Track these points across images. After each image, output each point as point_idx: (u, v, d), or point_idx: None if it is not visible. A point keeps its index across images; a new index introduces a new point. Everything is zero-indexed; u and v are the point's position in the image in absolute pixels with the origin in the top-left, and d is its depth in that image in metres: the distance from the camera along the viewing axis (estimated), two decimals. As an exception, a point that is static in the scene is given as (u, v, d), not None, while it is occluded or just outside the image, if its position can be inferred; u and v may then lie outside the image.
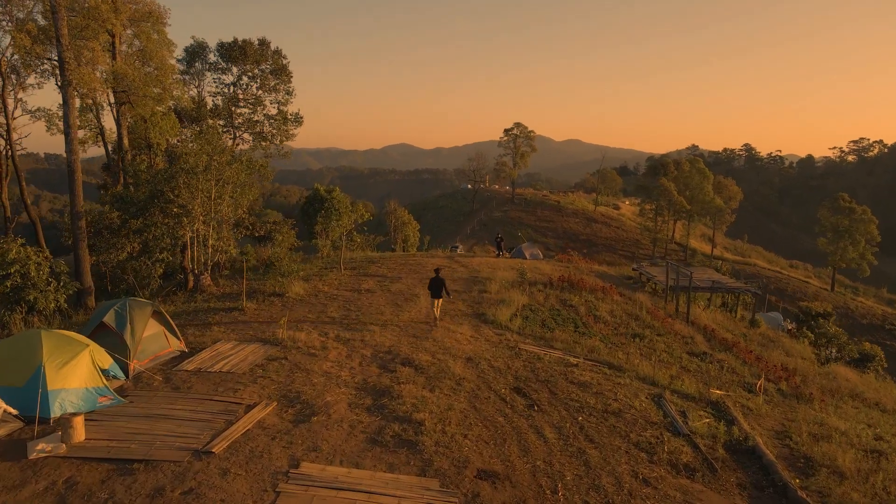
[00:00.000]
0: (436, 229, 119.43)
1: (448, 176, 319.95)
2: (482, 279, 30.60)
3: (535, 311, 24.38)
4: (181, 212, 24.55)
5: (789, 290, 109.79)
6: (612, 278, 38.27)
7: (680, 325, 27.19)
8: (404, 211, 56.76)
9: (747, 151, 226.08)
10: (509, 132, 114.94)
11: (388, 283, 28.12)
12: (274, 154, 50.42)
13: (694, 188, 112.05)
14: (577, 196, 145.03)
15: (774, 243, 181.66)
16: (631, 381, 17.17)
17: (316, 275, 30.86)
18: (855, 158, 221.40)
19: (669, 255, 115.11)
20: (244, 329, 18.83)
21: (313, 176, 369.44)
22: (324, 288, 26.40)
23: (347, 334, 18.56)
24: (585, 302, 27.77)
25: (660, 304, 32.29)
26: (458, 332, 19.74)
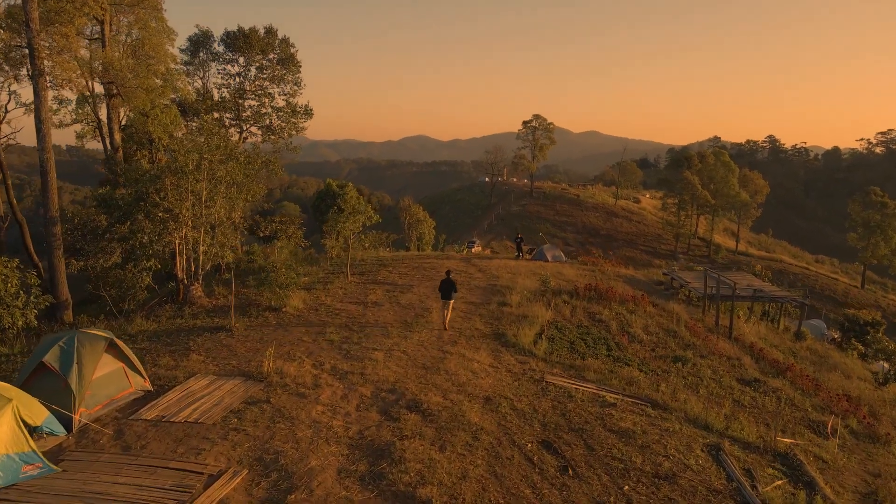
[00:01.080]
0: (453, 223, 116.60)
1: (466, 168, 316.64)
2: (502, 288, 27.77)
3: (562, 329, 21.49)
4: (167, 216, 21.97)
5: (817, 288, 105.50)
6: (642, 284, 35.22)
7: (723, 343, 24.16)
8: (419, 208, 53.96)
9: (771, 143, 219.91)
10: (528, 124, 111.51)
11: (398, 294, 25.37)
12: (283, 148, 47.75)
13: (719, 182, 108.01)
14: (596, 189, 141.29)
15: (799, 238, 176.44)
16: (680, 426, 14.27)
17: (321, 281, 28.24)
18: (883, 150, 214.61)
19: (692, 251, 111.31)
20: (227, 357, 16.17)
21: (331, 168, 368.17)
22: (326, 300, 23.72)
23: (346, 365, 15.82)
24: (616, 316, 24.83)
25: (696, 314, 29.24)
26: (474, 361, 16.94)
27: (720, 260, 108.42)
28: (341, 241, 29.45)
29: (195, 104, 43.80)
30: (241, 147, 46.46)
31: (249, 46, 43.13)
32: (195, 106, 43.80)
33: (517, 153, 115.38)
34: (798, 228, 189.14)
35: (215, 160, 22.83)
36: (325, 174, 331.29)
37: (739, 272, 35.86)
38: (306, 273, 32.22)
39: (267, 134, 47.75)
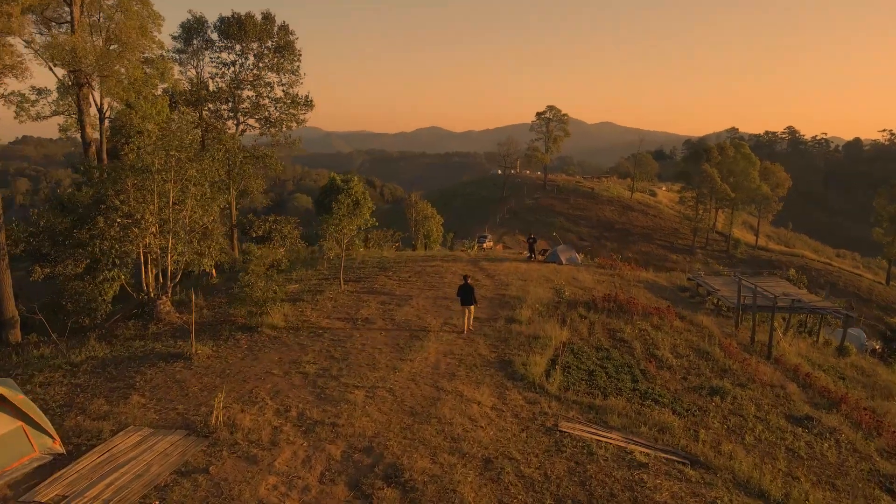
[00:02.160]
0: (464, 217, 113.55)
1: (478, 159, 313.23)
2: (511, 299, 24.76)
3: (579, 354, 18.45)
4: (128, 222, 19.16)
5: (840, 284, 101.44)
6: (665, 291, 32.04)
7: (763, 366, 21.01)
8: (426, 204, 50.97)
9: (790, 134, 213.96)
10: (542, 116, 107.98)
11: (394, 308, 22.44)
12: (282, 142, 44.92)
13: (739, 175, 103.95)
14: (611, 182, 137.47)
15: (819, 231, 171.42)
16: (730, 497, 11.25)
17: (311, 290, 25.40)
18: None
19: (710, 245, 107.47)
20: (175, 399, 13.33)
21: (343, 159, 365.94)
22: (311, 315, 20.85)
23: (316, 410, 12.91)
24: (640, 334, 21.74)
25: (727, 327, 26.06)
26: (474, 403, 13.96)
27: (739, 255, 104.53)
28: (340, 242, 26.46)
29: (188, 95, 41.08)
30: (237, 140, 43.81)
31: (244, 34, 40.23)
32: (189, 97, 41.08)
33: (530, 145, 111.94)
34: (818, 222, 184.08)
35: (184, 157, 19.93)
36: (337, 166, 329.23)
37: (772, 278, 32.60)
38: (298, 279, 29.46)
39: (266, 126, 44.95)
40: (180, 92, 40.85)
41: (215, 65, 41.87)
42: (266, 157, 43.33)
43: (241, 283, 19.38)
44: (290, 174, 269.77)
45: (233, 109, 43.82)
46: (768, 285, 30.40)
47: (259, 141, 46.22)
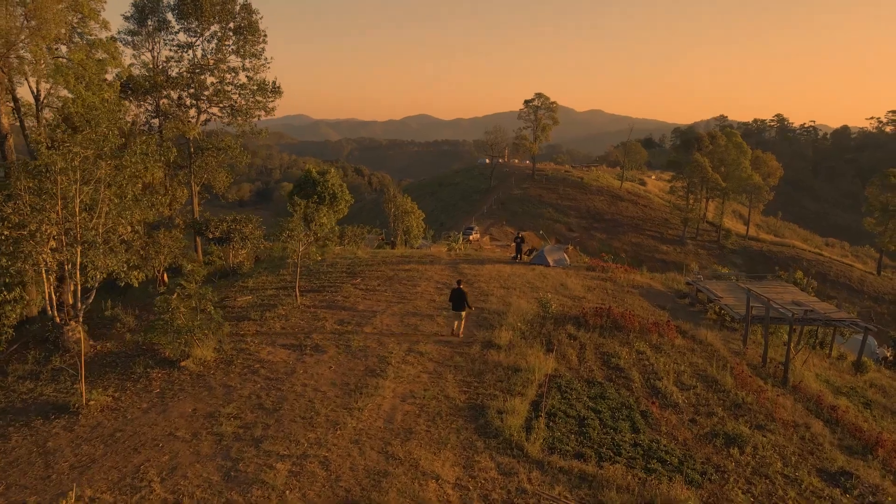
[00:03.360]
0: (451, 207, 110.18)
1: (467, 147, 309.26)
2: (490, 315, 21.44)
3: (568, 392, 15.16)
4: (20, 234, 15.58)
5: (831, 276, 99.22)
6: (661, 297, 28.87)
7: (781, 396, 17.88)
8: (406, 198, 47.44)
9: (779, 122, 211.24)
10: (530, 103, 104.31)
11: (353, 329, 19.05)
12: (247, 131, 41.21)
13: (730, 164, 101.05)
14: (600, 171, 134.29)
15: (807, 219, 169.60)
16: None
17: (262, 305, 21.99)
18: (893, 129, 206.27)
19: (701, 236, 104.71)
20: (32, 484, 9.87)
21: (332, 147, 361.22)
22: (252, 342, 17.43)
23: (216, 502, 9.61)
24: (638, 358, 18.52)
25: (734, 342, 22.90)
26: (431, 479, 10.65)
27: (730, 246, 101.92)
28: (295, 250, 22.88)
29: (144, 82, 37.28)
30: (197, 129, 40.10)
31: (202, 13, 36.39)
32: (144, 84, 37.27)
33: (518, 133, 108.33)
34: (806, 210, 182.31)
35: (91, 154, 16.35)
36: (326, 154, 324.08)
37: (778, 282, 29.50)
38: (255, 287, 26.03)
39: (232, 115, 41.22)
40: (133, 78, 37.08)
41: (171, 48, 38.05)
42: (229, 149, 39.65)
43: (157, 308, 15.86)
44: (278, 162, 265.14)
45: (194, 97, 40.03)
46: (776, 292, 27.29)
47: (225, 131, 42.55)
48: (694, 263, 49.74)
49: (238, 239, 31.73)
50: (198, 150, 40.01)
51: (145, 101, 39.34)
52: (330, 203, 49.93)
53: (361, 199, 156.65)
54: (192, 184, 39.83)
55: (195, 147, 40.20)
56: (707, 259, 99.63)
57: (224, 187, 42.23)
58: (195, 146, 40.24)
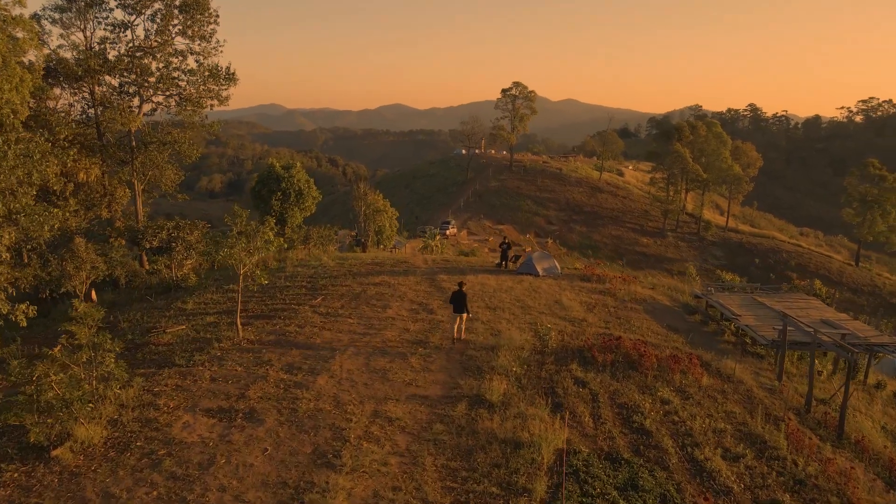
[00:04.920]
0: (426, 200, 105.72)
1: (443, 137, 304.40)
2: (477, 350, 17.21)
3: (588, 483, 10.96)
4: None
5: (811, 267, 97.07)
6: (669, 314, 24.98)
7: (843, 458, 14.02)
8: (378, 196, 42.95)
9: (752, 112, 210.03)
10: (507, 93, 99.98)
11: (304, 379, 14.64)
12: (197, 123, 36.28)
13: (710, 155, 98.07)
14: (577, 160, 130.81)
15: (780, 209, 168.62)
16: None
17: (193, 341, 17.51)
18: (863, 119, 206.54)
19: (681, 227, 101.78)
20: None
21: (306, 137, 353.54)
22: (163, 410, 12.97)
23: None
24: (665, 414, 14.43)
25: (764, 374, 19.07)
26: None
27: (710, 237, 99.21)
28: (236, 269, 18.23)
29: (75, 67, 32.18)
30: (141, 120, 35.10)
31: (137, -13, 31.37)
32: (74, 69, 32.17)
33: (496, 123, 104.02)
34: (779, 200, 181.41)
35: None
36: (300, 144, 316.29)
37: (798, 294, 25.83)
38: (194, 311, 21.51)
39: (181, 105, 36.23)
40: (62, 61, 32.00)
41: (106, 27, 32.96)
42: (176, 143, 34.74)
43: (15, 377, 11.25)
44: (250, 153, 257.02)
45: (136, 84, 34.97)
46: (799, 307, 23.57)
47: (173, 122, 37.54)
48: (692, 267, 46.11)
49: (181, 248, 27.04)
50: (141, 144, 35.04)
51: (80, 88, 34.27)
52: (296, 200, 45.29)
53: (335, 191, 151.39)
54: (135, 182, 34.89)
55: (138, 140, 35.23)
56: (688, 251, 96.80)
57: (172, 185, 37.26)
58: (138, 139, 35.27)
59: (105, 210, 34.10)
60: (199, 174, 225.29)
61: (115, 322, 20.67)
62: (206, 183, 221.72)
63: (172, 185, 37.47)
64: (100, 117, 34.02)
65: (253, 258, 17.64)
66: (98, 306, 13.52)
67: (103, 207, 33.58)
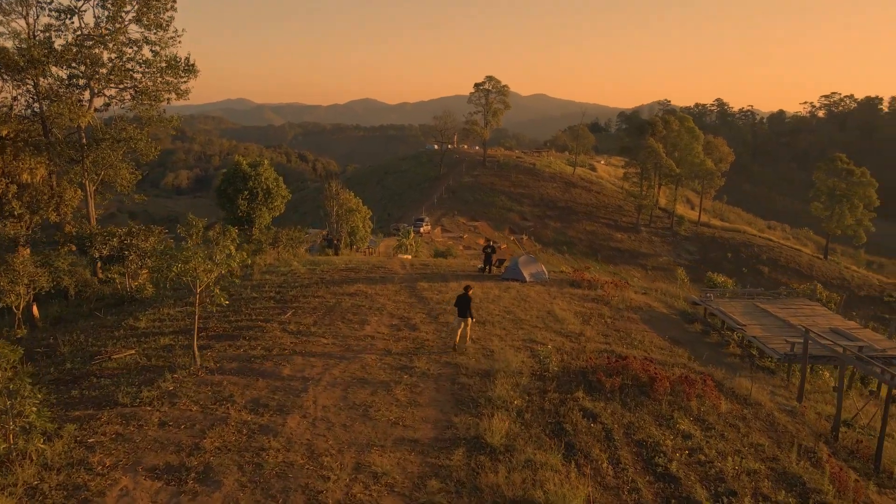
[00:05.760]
0: (398, 196, 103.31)
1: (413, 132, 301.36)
2: (469, 376, 15.09)
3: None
4: None
5: (782, 261, 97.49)
6: (667, 322, 23.22)
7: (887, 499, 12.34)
8: (350, 195, 40.52)
9: (719, 106, 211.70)
10: (480, 87, 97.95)
11: (272, 421, 12.31)
12: (155, 118, 33.43)
13: (683, 149, 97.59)
14: (550, 155, 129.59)
15: (747, 203, 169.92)
16: None
17: (138, 375, 15.06)
18: (825, 114, 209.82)
19: (654, 223, 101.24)
20: None
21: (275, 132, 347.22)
22: (96, 469, 10.57)
23: None
24: (689, 452, 12.57)
25: (780, 393, 17.40)
26: None
27: (683, 232, 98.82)
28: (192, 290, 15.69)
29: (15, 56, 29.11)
30: (92, 115, 32.13)
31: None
32: (16, 60, 29.10)
33: (468, 118, 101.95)
34: (745, 193, 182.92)
35: None
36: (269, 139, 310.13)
37: (801, 300, 24.35)
38: (147, 329, 19.00)
39: (136, 98, 33.32)
40: (2, 51, 28.92)
41: (51, 13, 29.94)
42: (131, 140, 31.88)
43: None
44: (218, 148, 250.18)
45: (87, 75, 31.98)
46: (805, 314, 22.03)
47: (128, 118, 34.61)
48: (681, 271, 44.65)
49: (135, 257, 24.34)
50: (92, 142, 32.09)
51: (23, 80, 31.16)
52: (264, 200, 42.66)
53: (305, 187, 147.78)
54: (87, 183, 31.95)
55: (89, 137, 32.28)
56: (661, 246, 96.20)
57: (129, 186, 34.35)
58: (89, 136, 32.32)
59: (53, 214, 31.09)
60: (165, 170, 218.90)
61: (55, 346, 18.03)
62: (172, 179, 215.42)
63: (129, 185, 34.58)
64: (45, 112, 30.99)
65: (212, 274, 15.24)
66: (16, 346, 11.02)
67: (50, 211, 30.58)
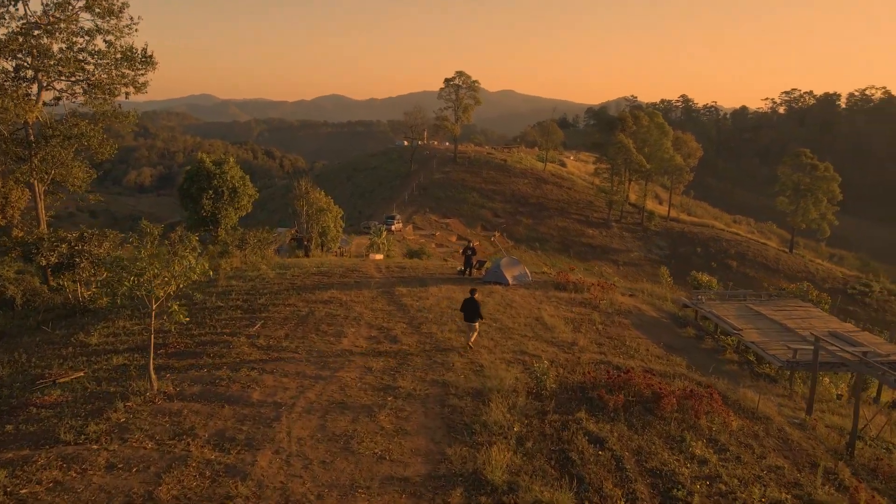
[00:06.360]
0: (369, 194, 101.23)
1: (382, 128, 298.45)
2: (460, 397, 13.61)
3: None
4: None
5: (750, 255, 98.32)
6: (659, 327, 22.11)
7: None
8: (320, 193, 38.64)
9: (684, 103, 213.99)
10: (450, 82, 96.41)
11: (239, 461, 10.56)
12: (110, 113, 31.13)
13: (653, 145, 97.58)
14: (520, 151, 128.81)
15: (712, 198, 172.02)
16: None
17: (85, 402, 13.25)
18: (786, 110, 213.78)
19: (625, 218, 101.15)
20: None
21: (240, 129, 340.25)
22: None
23: None
24: (707, 482, 11.34)
25: (786, 404, 16.39)
26: None
27: (653, 227, 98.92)
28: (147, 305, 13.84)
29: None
30: (40, 110, 29.70)
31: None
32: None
33: (439, 114, 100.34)
34: (711, 188, 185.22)
35: None
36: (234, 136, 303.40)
37: (795, 302, 23.50)
38: (100, 346, 17.09)
39: (89, 92, 30.96)
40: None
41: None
42: (83, 136, 29.57)
43: None
44: (181, 145, 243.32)
45: (34, 67, 29.53)
46: (800, 316, 21.14)
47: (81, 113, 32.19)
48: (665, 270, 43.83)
49: (87, 264, 22.23)
50: (41, 138, 29.69)
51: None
52: (230, 199, 40.47)
53: (272, 185, 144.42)
54: (35, 183, 29.55)
55: (38, 134, 29.87)
56: (632, 242, 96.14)
57: (83, 185, 31.97)
58: (38, 133, 29.91)
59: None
60: (128, 168, 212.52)
61: (-8, 368, 16.00)
62: (135, 177, 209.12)
63: (83, 185, 32.19)
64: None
65: (170, 288, 13.47)
66: None
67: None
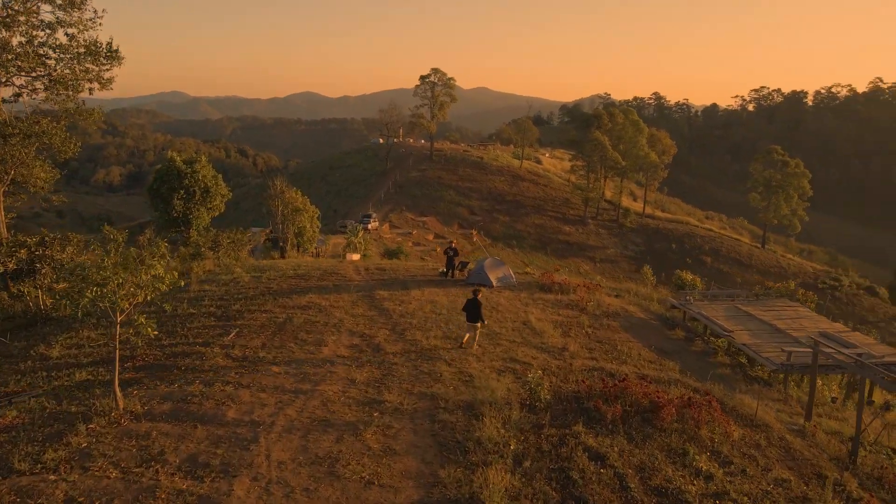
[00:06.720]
0: (344, 192, 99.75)
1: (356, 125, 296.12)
2: (450, 411, 12.81)
3: None
4: None
5: (723, 251, 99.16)
6: (648, 329, 21.56)
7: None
8: (296, 193, 37.46)
9: (656, 100, 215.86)
10: (426, 79, 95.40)
11: (213, 490, 9.73)
12: (72, 109, 29.61)
13: (628, 142, 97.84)
14: (496, 148, 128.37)
15: (685, 194, 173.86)
16: None
17: (43, 424, 12.14)
18: (755, 107, 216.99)
19: (601, 215, 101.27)
20: None
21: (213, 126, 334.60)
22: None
23: None
24: (714, 499, 10.71)
25: (783, 409, 15.90)
26: None
27: (629, 224, 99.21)
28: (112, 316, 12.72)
29: None
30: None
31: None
32: None
33: (414, 111, 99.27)
34: (683, 185, 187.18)
35: None
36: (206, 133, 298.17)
37: (784, 302, 23.17)
38: (58, 361, 15.88)
39: (51, 88, 29.37)
40: None
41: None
42: (45, 134, 28.05)
43: None
44: (152, 143, 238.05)
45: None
46: (790, 317, 20.76)
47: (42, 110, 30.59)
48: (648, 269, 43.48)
49: (48, 270, 20.88)
50: (0, 137, 28.10)
51: None
52: (202, 199, 39.13)
53: (246, 183, 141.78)
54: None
55: None
56: (608, 238, 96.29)
57: (46, 186, 30.41)
58: None
59: (-48, 219, 27.05)
60: (96, 166, 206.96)
61: (-59, 387, 14.72)
62: (103, 176, 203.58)
63: (45, 185, 30.63)
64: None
65: (136, 299, 12.41)
66: None
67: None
